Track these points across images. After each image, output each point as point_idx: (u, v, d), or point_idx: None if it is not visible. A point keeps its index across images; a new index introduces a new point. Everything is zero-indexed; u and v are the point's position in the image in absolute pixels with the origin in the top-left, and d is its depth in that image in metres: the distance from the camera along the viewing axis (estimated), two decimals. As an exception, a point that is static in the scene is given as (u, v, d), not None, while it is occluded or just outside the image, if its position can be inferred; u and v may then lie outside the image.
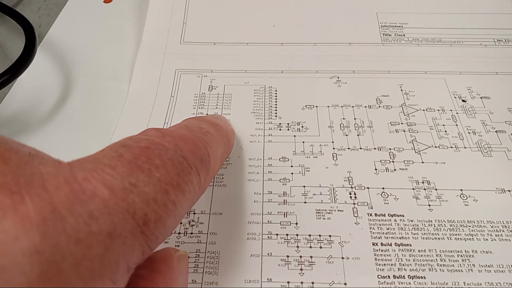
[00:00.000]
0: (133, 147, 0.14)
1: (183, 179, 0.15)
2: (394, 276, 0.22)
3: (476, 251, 0.23)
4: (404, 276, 0.22)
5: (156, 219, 0.13)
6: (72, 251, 0.11)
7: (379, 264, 0.22)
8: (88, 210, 0.12)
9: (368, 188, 0.25)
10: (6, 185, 0.11)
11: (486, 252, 0.23)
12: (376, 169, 0.26)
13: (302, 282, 0.22)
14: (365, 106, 0.29)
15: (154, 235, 0.13)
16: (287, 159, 0.27)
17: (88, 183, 0.12)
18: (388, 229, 0.23)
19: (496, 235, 0.23)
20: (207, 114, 0.29)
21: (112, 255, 0.12)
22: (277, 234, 0.23)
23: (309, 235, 0.23)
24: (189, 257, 0.23)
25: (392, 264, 0.22)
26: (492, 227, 0.23)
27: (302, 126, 0.28)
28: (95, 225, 0.12)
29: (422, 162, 0.26)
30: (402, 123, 0.28)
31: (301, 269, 0.22)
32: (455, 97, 0.30)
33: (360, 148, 0.27)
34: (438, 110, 0.29)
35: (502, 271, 0.22)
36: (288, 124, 0.28)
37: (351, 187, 0.25)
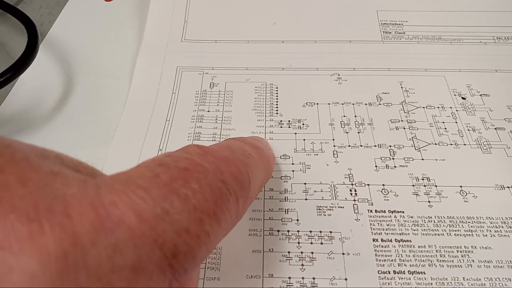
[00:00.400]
0: (171, 168, 0.13)
1: (220, 207, 0.14)
2: (394, 272, 0.22)
3: (475, 247, 0.23)
4: (404, 271, 0.22)
5: (187, 251, 0.12)
6: None
7: (380, 260, 0.22)
8: (113, 242, 0.10)
9: (368, 185, 0.25)
10: (24, 211, 0.10)
11: (486, 248, 0.23)
12: (376, 166, 0.26)
13: (303, 278, 0.22)
14: (366, 104, 0.30)
15: (183, 268, 0.12)
16: (288, 157, 0.27)
17: (115, 208, 0.11)
18: (388, 225, 0.24)
19: (495, 231, 0.23)
20: (208, 110, 0.29)
21: None
22: (278, 231, 0.24)
23: (310, 232, 0.24)
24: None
25: (392, 260, 0.22)
26: (491, 223, 0.24)
27: (303, 124, 0.28)
28: (119, 259, 0.10)
29: (422, 159, 0.26)
30: (402, 121, 0.28)
31: (302, 265, 0.22)
32: (455, 95, 0.30)
33: (361, 145, 0.27)
34: (438, 107, 0.29)
35: (501, 266, 0.22)
36: (289, 121, 0.29)
37: (352, 184, 0.25)
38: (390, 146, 0.27)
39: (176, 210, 0.12)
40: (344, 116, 0.29)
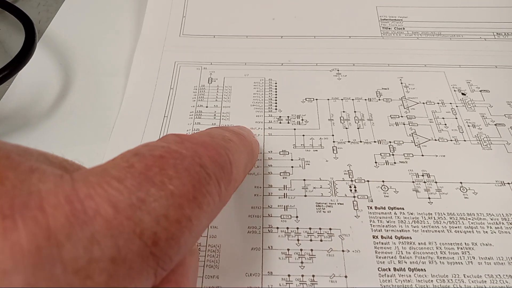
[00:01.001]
0: (146, 156, 0.13)
1: (200, 190, 0.14)
2: (395, 269, 0.22)
3: (476, 244, 0.23)
4: (404, 268, 0.22)
5: (168, 237, 0.12)
6: (69, 282, 0.10)
7: (380, 257, 0.22)
8: (89, 234, 0.10)
9: (368, 181, 0.25)
10: None
11: (486, 244, 0.23)
12: (376, 162, 0.26)
13: (302, 275, 0.22)
14: (365, 99, 0.29)
15: (167, 255, 0.12)
16: (287, 153, 0.27)
17: (91, 200, 0.11)
18: (388, 222, 0.24)
19: (495, 227, 0.23)
20: (206, 106, 0.29)
21: (117, 282, 0.11)
22: (277, 228, 0.23)
23: (310, 228, 0.23)
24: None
25: (392, 257, 0.22)
26: (491, 219, 0.24)
27: (302, 119, 0.28)
28: (96, 251, 0.10)
29: (422, 155, 0.26)
30: (402, 116, 0.28)
31: (302, 262, 0.22)
32: (454, 90, 0.30)
33: (360, 141, 0.27)
34: (438, 103, 0.29)
35: (502, 263, 0.22)
36: (288, 117, 0.28)
37: (351, 180, 0.25)
38: (390, 142, 0.27)
39: (153, 198, 0.12)
40: (344, 111, 0.29)
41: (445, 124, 0.28)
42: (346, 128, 0.28)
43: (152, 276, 0.12)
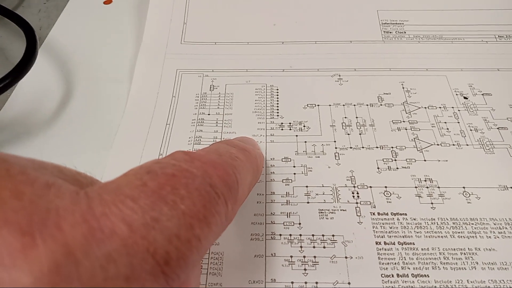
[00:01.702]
0: (159, 175, 0.13)
1: (210, 210, 0.14)
2: (398, 275, 0.22)
3: (479, 249, 0.23)
4: (407, 274, 0.22)
5: (179, 256, 0.12)
6: None
7: (383, 263, 0.22)
8: (106, 252, 0.11)
9: (370, 187, 0.25)
10: (17, 225, 0.10)
11: (489, 249, 0.23)
12: (378, 168, 0.26)
13: (306, 282, 0.22)
14: (367, 105, 0.29)
15: (176, 273, 0.12)
16: (289, 159, 0.27)
17: (106, 219, 0.11)
18: (391, 228, 0.24)
19: (499, 232, 0.23)
20: (208, 113, 0.29)
21: None
22: (280, 235, 0.23)
23: (312, 235, 0.23)
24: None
25: (395, 263, 0.22)
26: (495, 224, 0.23)
27: (304, 126, 0.28)
28: (112, 269, 0.11)
29: (425, 160, 0.26)
30: (404, 121, 0.28)
31: (305, 269, 0.22)
32: (456, 94, 0.30)
33: (362, 147, 0.27)
34: (440, 107, 0.29)
35: (506, 268, 0.22)
36: (290, 123, 0.28)
37: (354, 187, 0.25)
38: (392, 147, 0.27)
39: (166, 217, 0.12)
40: (346, 117, 0.29)
41: (447, 129, 0.28)
42: (348, 134, 0.28)
43: None
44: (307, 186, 0.25)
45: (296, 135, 0.28)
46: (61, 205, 0.11)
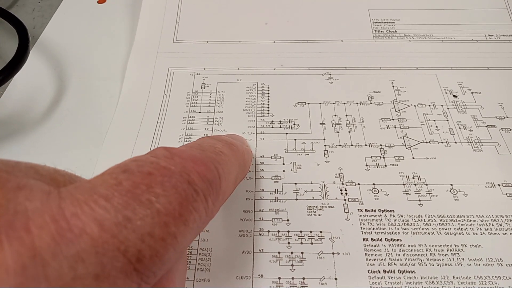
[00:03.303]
0: (135, 174, 0.13)
1: (186, 208, 0.14)
2: (384, 271, 0.22)
3: (465, 245, 0.23)
4: (394, 270, 0.22)
5: (152, 254, 0.12)
6: None
7: (370, 259, 0.23)
8: (74, 252, 0.11)
9: (358, 184, 0.25)
10: None
11: (476, 246, 0.23)
12: (367, 165, 0.26)
13: (293, 278, 0.22)
14: (357, 103, 0.30)
15: (151, 270, 0.12)
16: (279, 157, 0.27)
17: (77, 219, 0.11)
18: (378, 224, 0.24)
19: (485, 229, 0.23)
20: (199, 111, 0.29)
21: None
22: (268, 231, 0.24)
23: (300, 232, 0.24)
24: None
25: (382, 259, 0.23)
26: (481, 221, 0.24)
27: (294, 124, 0.28)
28: (81, 268, 0.11)
29: (413, 158, 0.26)
30: (393, 119, 0.28)
31: (292, 265, 0.22)
32: (446, 93, 0.30)
33: (351, 145, 0.27)
34: (429, 105, 0.29)
35: (491, 264, 0.22)
36: (280, 121, 0.29)
37: (342, 184, 0.25)
38: (381, 145, 0.27)
39: (138, 216, 0.12)
40: (335, 115, 0.29)
41: (436, 127, 0.28)
42: (338, 132, 0.28)
43: None
44: (296, 183, 0.25)
45: (286, 133, 0.28)
46: (31, 207, 0.11)
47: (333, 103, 0.30)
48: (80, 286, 0.11)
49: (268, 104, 0.30)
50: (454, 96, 0.30)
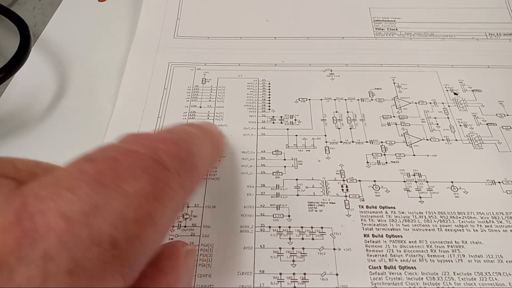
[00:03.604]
0: (99, 160, 0.13)
1: (158, 186, 0.13)
2: (385, 267, 0.22)
3: (466, 242, 0.23)
4: (395, 266, 0.22)
5: (129, 237, 0.12)
6: None
7: (371, 255, 0.23)
8: (41, 252, 0.10)
9: (359, 180, 0.25)
10: None
11: (476, 242, 0.23)
12: (368, 162, 0.26)
13: (294, 274, 0.22)
14: (358, 99, 0.30)
15: (132, 255, 0.12)
16: (280, 152, 0.27)
17: (41, 216, 0.11)
18: (379, 220, 0.24)
19: (485, 226, 0.23)
20: (200, 106, 0.29)
21: None
22: (269, 227, 0.24)
23: (301, 227, 0.24)
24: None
25: (383, 255, 0.23)
26: (482, 218, 0.24)
27: (295, 119, 0.28)
28: (51, 267, 0.10)
29: (414, 155, 0.27)
30: (394, 116, 0.29)
31: (293, 261, 0.22)
32: (447, 90, 0.30)
33: (352, 142, 0.27)
34: (430, 103, 0.29)
35: (491, 261, 0.22)
36: (281, 117, 0.29)
37: (343, 180, 0.25)
38: (382, 142, 0.27)
39: (107, 201, 0.12)
40: (336, 112, 0.29)
41: (437, 124, 0.28)
42: (339, 128, 0.28)
43: (120, 278, 0.12)
44: (297, 179, 0.26)
45: (287, 129, 0.28)
46: None
47: (334, 100, 0.30)
48: (55, 286, 0.10)
49: (269, 100, 0.30)
50: (455, 93, 0.30)
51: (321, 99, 0.30)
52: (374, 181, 0.25)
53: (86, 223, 0.11)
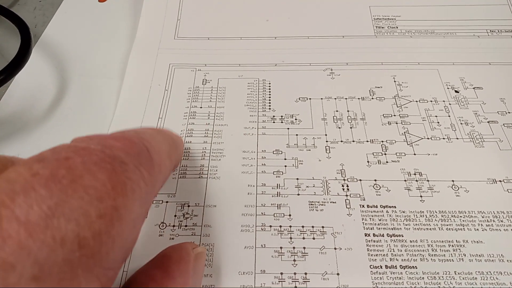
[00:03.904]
0: (51, 161, 0.12)
1: (118, 179, 0.13)
2: (386, 266, 0.22)
3: (467, 241, 0.23)
4: (396, 266, 0.22)
5: (95, 234, 0.11)
6: None
7: (371, 255, 0.23)
8: (1, 261, 0.10)
9: (360, 180, 0.25)
10: None
11: (477, 242, 0.23)
12: (368, 162, 0.26)
13: (295, 273, 0.22)
14: (358, 98, 0.29)
15: (101, 252, 0.12)
16: (280, 152, 0.27)
17: None
18: (380, 220, 0.24)
19: (486, 225, 0.23)
20: (201, 107, 0.29)
21: None
22: (270, 226, 0.24)
23: (302, 227, 0.24)
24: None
25: (384, 255, 0.23)
26: (482, 217, 0.24)
27: (296, 119, 0.28)
28: (13, 277, 0.10)
29: (414, 154, 0.26)
30: (394, 115, 0.28)
31: (294, 260, 0.22)
32: (448, 88, 0.30)
33: (353, 141, 0.27)
34: (431, 101, 0.29)
35: (492, 260, 0.22)
36: (281, 116, 0.29)
37: (344, 179, 0.25)
38: (382, 141, 0.27)
39: (65, 200, 0.11)
40: (337, 111, 0.29)
41: (438, 122, 0.28)
42: (339, 127, 0.28)
43: (93, 278, 0.11)
44: (297, 179, 0.26)
45: (288, 128, 0.28)
46: None
47: (335, 99, 0.30)
48: None
49: (270, 100, 0.30)
50: (456, 91, 0.30)
51: (321, 98, 0.30)
52: (375, 180, 0.25)
53: (47, 226, 0.11)
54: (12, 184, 0.11)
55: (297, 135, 0.28)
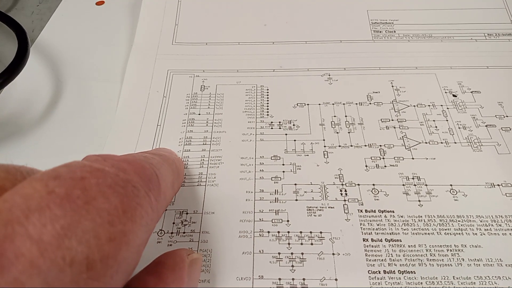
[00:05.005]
0: (66, 179, 0.12)
1: (129, 204, 0.13)
2: (385, 272, 0.22)
3: (465, 246, 0.23)
4: (394, 271, 0.22)
5: (104, 257, 0.11)
6: None
7: (370, 260, 0.23)
8: (11, 279, 0.10)
9: (358, 185, 0.25)
10: None
11: (475, 246, 0.23)
12: (366, 166, 0.26)
13: (293, 279, 0.22)
14: (356, 103, 0.30)
15: (106, 275, 0.12)
16: (278, 158, 0.27)
17: (11, 243, 0.10)
18: (378, 225, 0.24)
19: (485, 229, 0.23)
20: (199, 113, 0.29)
21: None
22: (268, 232, 0.24)
23: (300, 232, 0.24)
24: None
25: (382, 260, 0.23)
26: (481, 221, 0.24)
27: (294, 125, 0.28)
28: None
29: (413, 158, 0.26)
30: (392, 120, 0.28)
31: (292, 266, 0.22)
32: (446, 92, 0.30)
33: (351, 146, 0.27)
34: (429, 105, 0.29)
35: (491, 264, 0.22)
36: (279, 122, 0.29)
37: (342, 184, 0.25)
38: (381, 145, 0.27)
39: (78, 221, 0.11)
40: (335, 116, 0.29)
41: (436, 127, 0.28)
42: (337, 132, 0.28)
43: None
44: (295, 184, 0.26)
45: (286, 134, 0.28)
46: None
47: (333, 104, 0.30)
48: None
49: (268, 106, 0.30)
50: (454, 95, 0.30)
51: (319, 104, 0.30)
52: (373, 185, 0.25)
53: (58, 246, 0.11)
54: (28, 201, 0.11)
55: (295, 140, 0.28)
